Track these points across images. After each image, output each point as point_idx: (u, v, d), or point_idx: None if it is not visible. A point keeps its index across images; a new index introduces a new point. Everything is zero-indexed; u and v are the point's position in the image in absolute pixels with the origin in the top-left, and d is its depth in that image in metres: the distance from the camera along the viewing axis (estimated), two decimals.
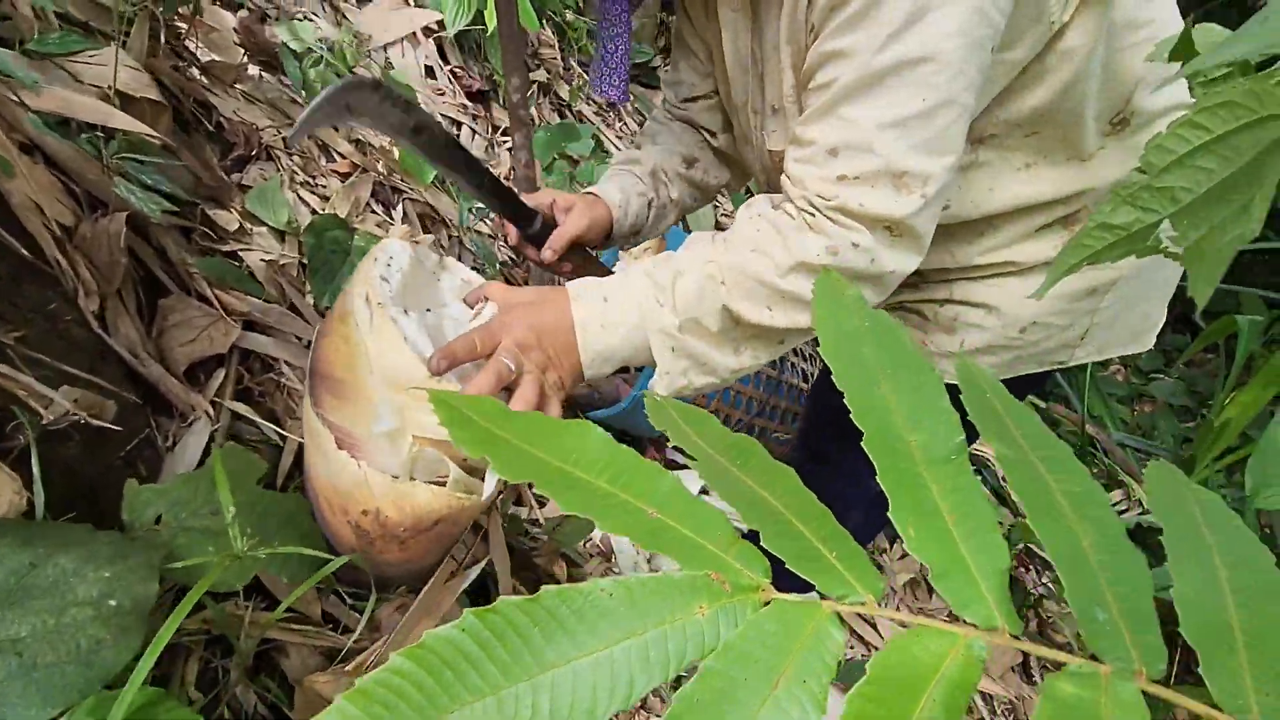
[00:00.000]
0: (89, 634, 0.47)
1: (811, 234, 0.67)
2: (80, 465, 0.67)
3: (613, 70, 0.89)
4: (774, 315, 0.69)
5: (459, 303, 0.79)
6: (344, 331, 0.67)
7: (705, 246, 0.72)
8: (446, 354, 0.64)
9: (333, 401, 0.67)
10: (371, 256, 0.72)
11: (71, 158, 0.79)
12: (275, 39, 1.31)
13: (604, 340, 0.70)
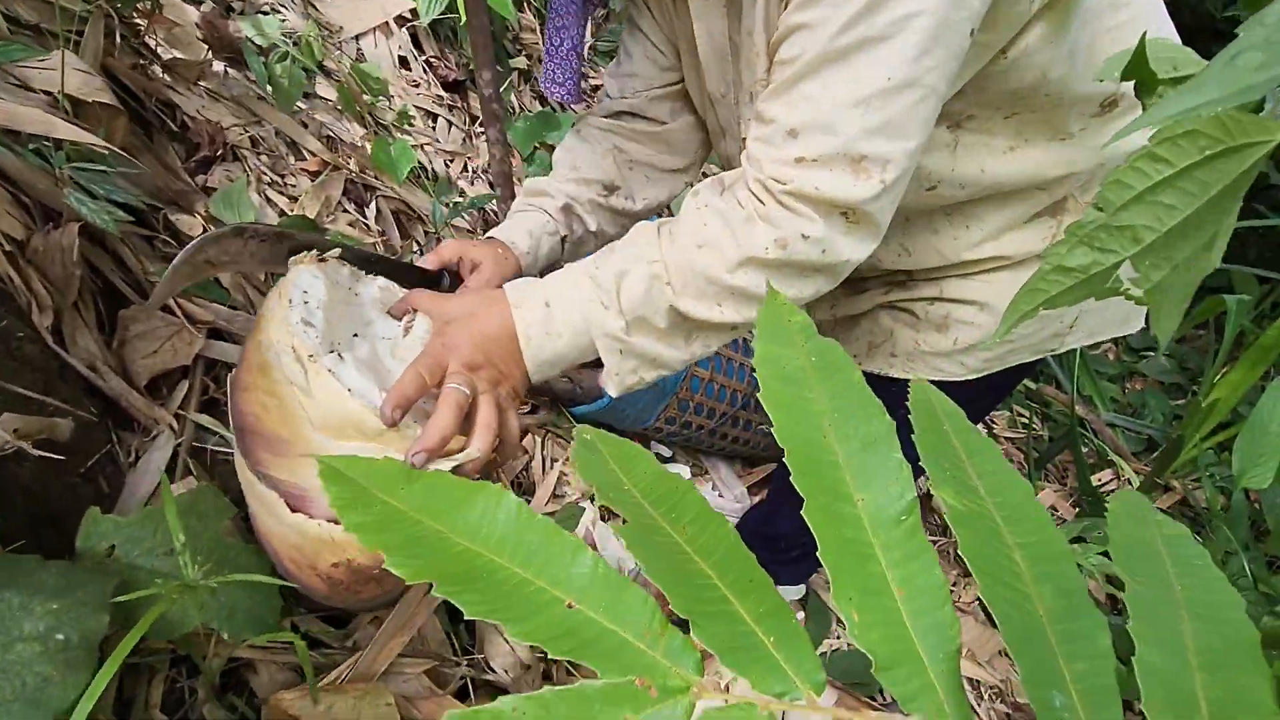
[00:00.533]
0: (35, 671, 0.46)
1: (761, 225, 0.65)
2: (37, 486, 0.65)
3: (559, 66, 0.86)
4: (724, 311, 0.67)
5: (384, 317, 0.74)
6: (269, 386, 0.62)
7: (649, 242, 0.69)
8: (398, 400, 0.60)
9: (272, 459, 0.63)
10: (283, 297, 0.65)
11: (20, 169, 0.77)
12: (238, 33, 1.28)
13: (549, 347, 0.68)
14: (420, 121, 1.61)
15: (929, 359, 0.92)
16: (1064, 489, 2.80)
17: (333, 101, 1.44)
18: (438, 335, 0.68)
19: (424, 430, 0.59)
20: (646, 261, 0.67)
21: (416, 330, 0.71)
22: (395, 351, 0.71)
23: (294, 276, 0.67)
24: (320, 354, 0.61)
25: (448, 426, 0.60)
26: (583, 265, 0.70)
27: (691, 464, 1.61)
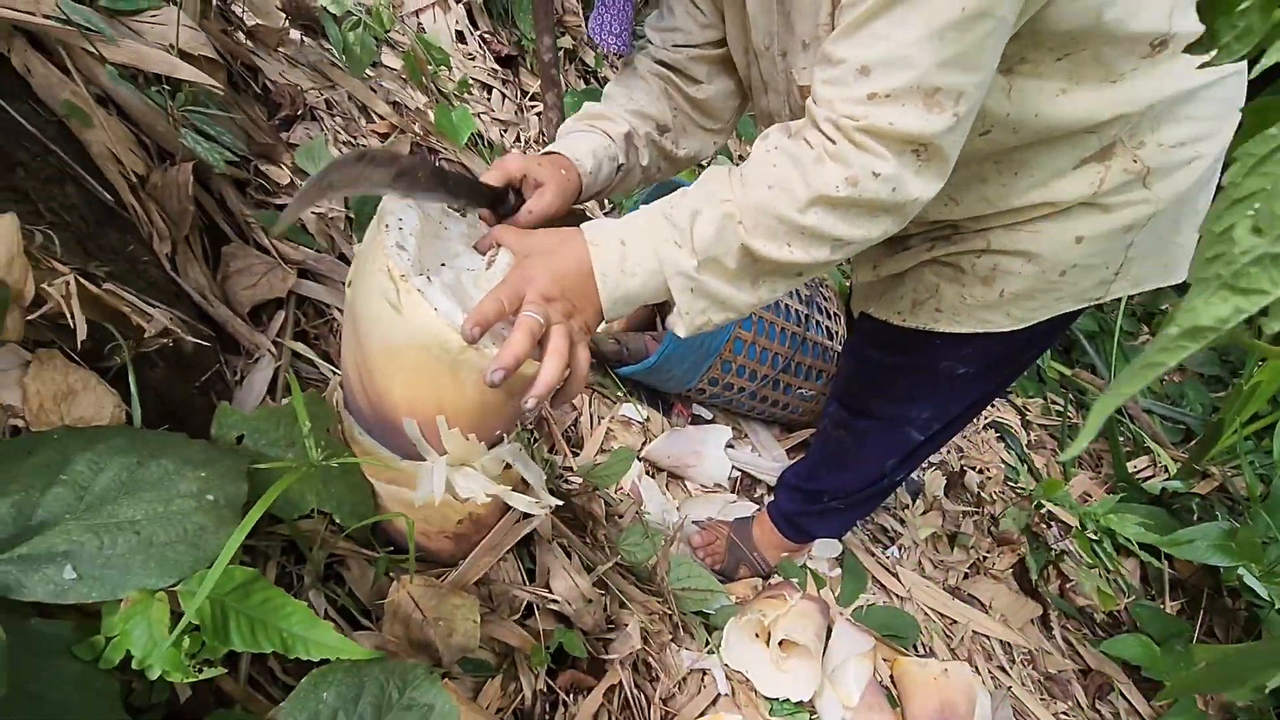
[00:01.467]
0: (194, 521, 0.53)
1: (831, 164, 0.65)
2: (165, 389, 0.73)
3: (613, 16, 0.86)
4: (793, 251, 0.68)
5: (470, 251, 0.78)
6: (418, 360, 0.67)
7: (721, 182, 0.70)
8: (479, 319, 0.63)
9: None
10: (380, 222, 0.69)
11: (142, 110, 0.84)
12: (315, 3, 1.35)
13: (624, 285, 0.70)
14: (477, 92, 1.68)
15: (975, 311, 0.95)
16: (1098, 476, 2.79)
17: (398, 70, 1.51)
18: (518, 267, 0.71)
19: (500, 350, 0.63)
20: (719, 201, 0.69)
21: (499, 264, 0.75)
22: (478, 282, 0.75)
23: (391, 205, 0.72)
24: (411, 274, 0.66)
25: (521, 348, 0.63)
26: (657, 205, 0.72)
27: (732, 427, 1.66)
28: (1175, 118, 0.77)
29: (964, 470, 2.17)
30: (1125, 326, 3.83)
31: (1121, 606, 1.99)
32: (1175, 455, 2.86)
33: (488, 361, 0.63)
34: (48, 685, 0.43)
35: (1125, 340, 3.42)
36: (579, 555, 1.05)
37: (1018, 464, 2.65)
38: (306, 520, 0.72)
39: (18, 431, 0.56)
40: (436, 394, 0.68)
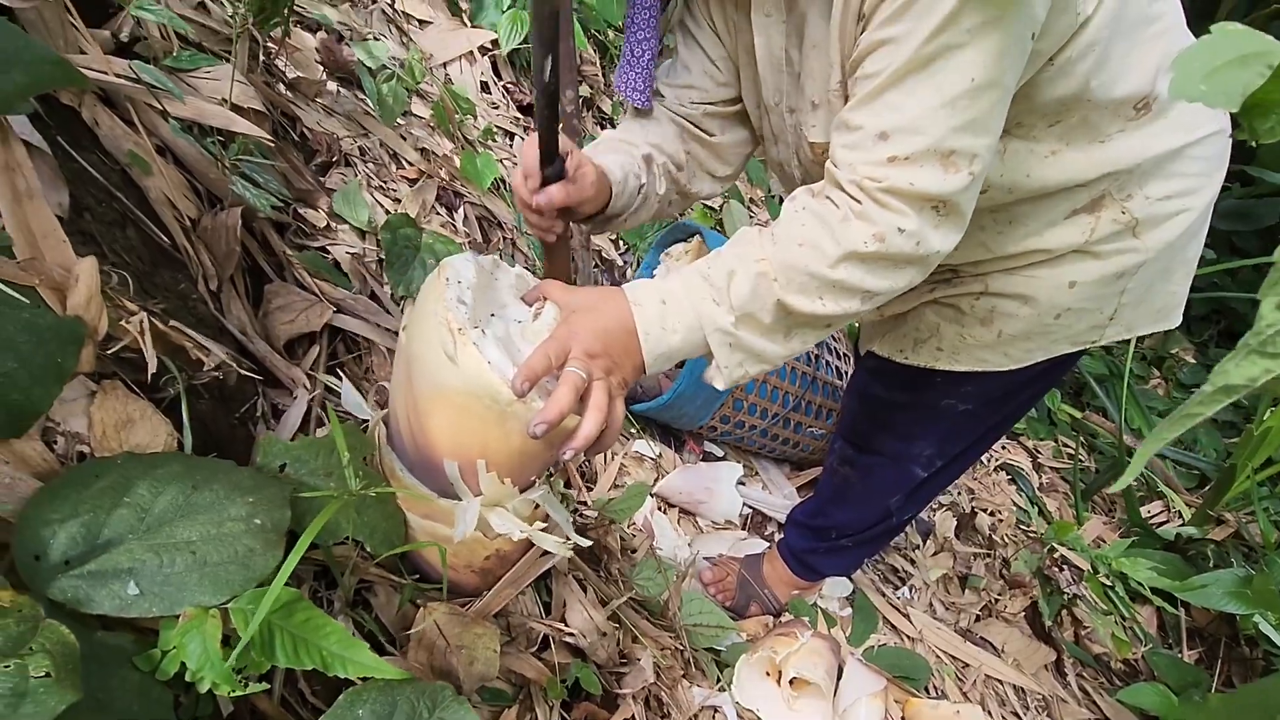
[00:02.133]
0: (243, 543, 0.57)
1: (858, 222, 0.69)
2: (209, 419, 0.77)
3: (638, 74, 0.90)
4: (825, 304, 0.72)
5: (517, 302, 0.82)
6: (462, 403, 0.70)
7: (754, 243, 0.75)
8: (528, 375, 0.67)
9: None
10: (441, 276, 0.74)
11: (197, 159, 0.91)
12: (352, 58, 1.43)
13: (665, 342, 0.74)
14: (500, 139, 1.76)
15: (974, 350, 0.99)
16: (1112, 520, 2.77)
17: (426, 119, 1.59)
18: (564, 323, 0.74)
19: (545, 405, 0.67)
20: (754, 260, 0.73)
21: (545, 317, 0.78)
22: (524, 334, 0.79)
23: (452, 260, 0.76)
24: (468, 328, 0.70)
25: (566, 404, 0.67)
26: (695, 267, 0.76)
27: (743, 465, 1.69)
28: (1161, 174, 0.81)
29: (975, 512, 2.17)
30: (1135, 370, 3.83)
31: (1139, 655, 1.97)
32: (1189, 500, 2.84)
33: (533, 414, 0.67)
34: (112, 694, 0.46)
35: (1135, 383, 3.42)
36: (594, 589, 1.07)
37: (1029, 506, 2.64)
38: (340, 546, 0.75)
39: (83, 456, 0.60)
40: (481, 440, 0.72)
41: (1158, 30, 0.76)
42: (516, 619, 0.97)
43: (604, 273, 1.88)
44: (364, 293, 1.10)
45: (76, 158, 0.78)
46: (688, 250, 1.66)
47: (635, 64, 0.91)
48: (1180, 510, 2.79)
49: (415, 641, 0.78)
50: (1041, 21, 0.66)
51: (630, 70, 0.91)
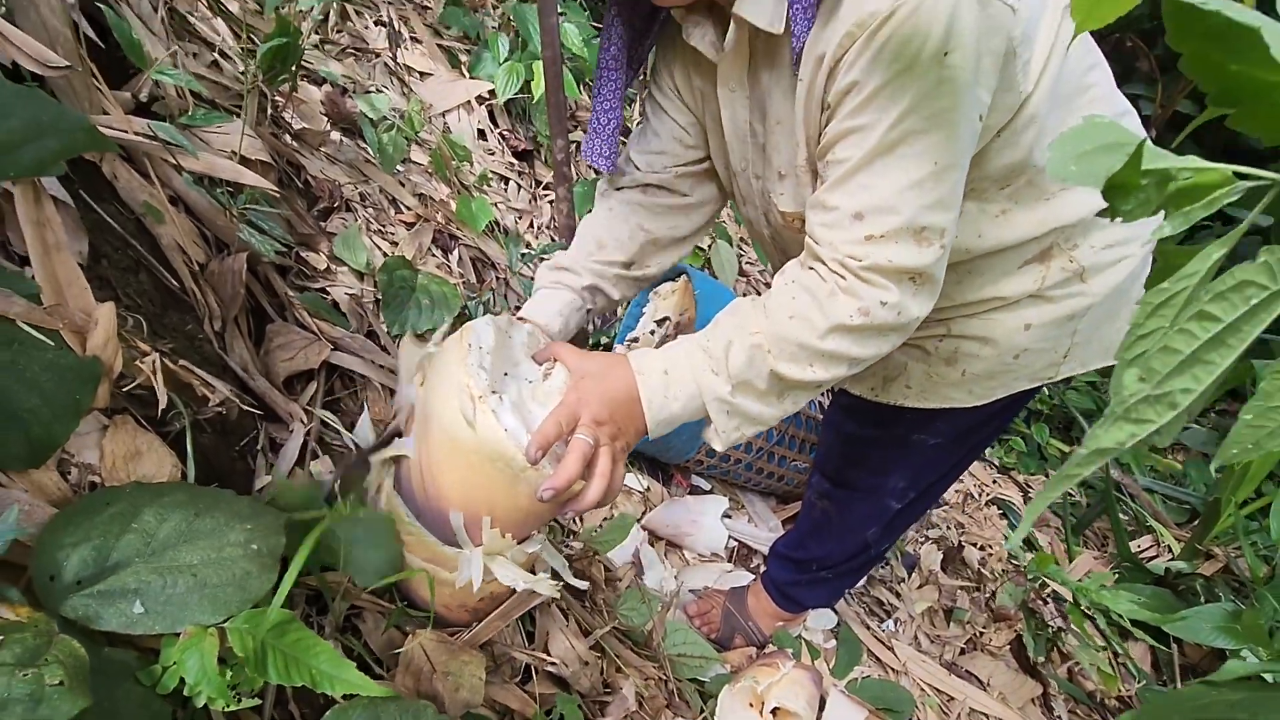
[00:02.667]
0: (241, 567, 0.61)
1: (844, 297, 0.75)
2: (210, 452, 0.82)
3: (604, 141, 0.96)
4: (816, 371, 0.78)
5: (529, 360, 0.87)
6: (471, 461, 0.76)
7: (749, 315, 0.80)
8: (540, 442, 0.73)
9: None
10: (464, 342, 0.78)
11: (206, 208, 0.97)
12: (355, 109, 1.52)
13: (668, 409, 0.80)
14: (495, 184, 1.84)
15: (940, 389, 1.04)
16: (1103, 555, 2.79)
17: (424, 165, 1.67)
18: (573, 389, 0.80)
19: (555, 473, 0.73)
20: (749, 332, 0.78)
21: (555, 380, 0.83)
22: (535, 394, 0.84)
23: (475, 325, 0.81)
24: (487, 395, 0.74)
25: (574, 471, 0.73)
26: (695, 338, 0.82)
27: (729, 498, 1.72)
28: (1102, 225, 0.88)
29: (962, 545, 2.20)
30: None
31: (1133, 692, 1.97)
32: (1179, 535, 2.86)
33: (543, 478, 0.72)
34: (117, 706, 0.50)
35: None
36: (577, 618, 1.11)
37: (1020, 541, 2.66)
38: (332, 574, 0.79)
39: (94, 486, 0.65)
40: (490, 497, 0.77)
41: (1091, 98, 0.83)
42: (500, 649, 1.00)
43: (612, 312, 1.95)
44: (361, 331, 1.15)
45: (96, 209, 0.84)
46: (674, 289, 1.72)
47: (601, 132, 0.96)
48: (1170, 545, 2.80)
49: (402, 666, 0.82)
50: (988, 104, 0.73)
51: (596, 138, 0.97)
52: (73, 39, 0.81)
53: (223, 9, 1.44)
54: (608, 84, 0.93)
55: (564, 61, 1.98)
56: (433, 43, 2.00)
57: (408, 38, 1.95)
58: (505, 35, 2.03)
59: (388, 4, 2.01)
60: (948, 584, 1.94)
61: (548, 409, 0.79)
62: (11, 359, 0.56)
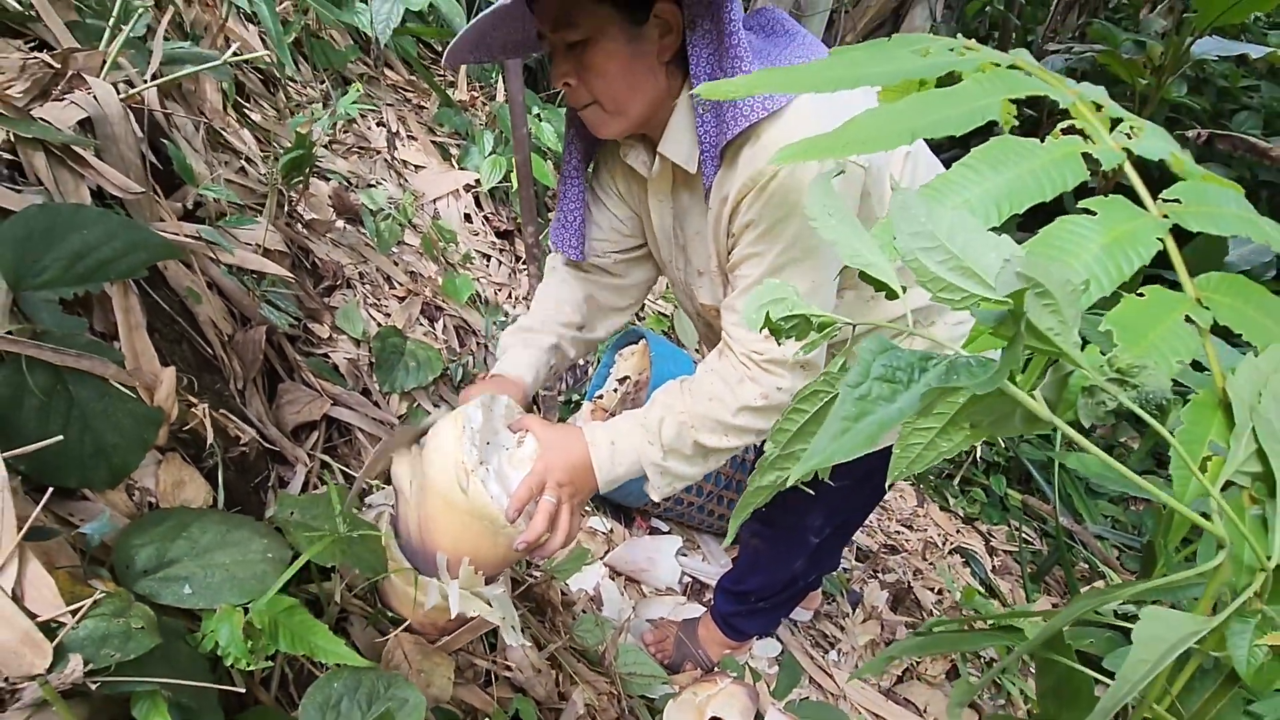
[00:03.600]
0: (260, 568, 0.82)
1: (750, 384, 0.96)
2: (232, 486, 1.02)
3: (571, 233, 1.13)
4: (730, 439, 0.99)
5: (506, 430, 1.05)
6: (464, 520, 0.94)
7: (677, 395, 1.01)
8: (517, 506, 0.94)
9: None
10: (459, 424, 0.96)
11: (234, 290, 1.21)
12: (357, 202, 1.78)
13: (614, 472, 1.00)
14: (478, 260, 2.10)
15: None
16: (1063, 601, 2.94)
17: (415, 247, 1.93)
18: (541, 458, 0.99)
19: (527, 529, 0.94)
20: (677, 411, 0.99)
21: (526, 448, 1.02)
22: (511, 459, 1.03)
23: (466, 409, 0.99)
24: (476, 467, 0.94)
25: (542, 528, 0.94)
26: (636, 415, 1.03)
27: (684, 539, 1.91)
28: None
29: (911, 587, 2.36)
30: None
31: None
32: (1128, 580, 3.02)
33: (518, 533, 0.94)
34: (171, 656, 0.70)
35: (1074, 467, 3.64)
36: (534, 633, 1.29)
37: (981, 588, 2.82)
38: (328, 582, 0.99)
39: (151, 505, 0.85)
40: (476, 546, 0.97)
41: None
42: (464, 657, 1.18)
43: (567, 370, 2.17)
44: (356, 389, 1.37)
45: (151, 293, 1.07)
46: (634, 352, 1.96)
47: (569, 226, 1.15)
48: None
49: (384, 660, 1.00)
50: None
51: (565, 231, 1.15)
52: (141, 167, 1.06)
53: (248, 120, 1.72)
54: (571, 187, 1.14)
55: (543, 154, 2.28)
56: (427, 139, 2.29)
57: (405, 135, 2.24)
58: (491, 132, 2.32)
59: (388, 106, 2.32)
60: (891, 620, 2.10)
61: (522, 473, 0.99)
62: (104, 408, 0.78)
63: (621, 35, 0.89)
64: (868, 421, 0.47)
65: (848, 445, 0.47)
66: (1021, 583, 3.06)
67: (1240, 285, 0.60)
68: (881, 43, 0.65)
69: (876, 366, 0.50)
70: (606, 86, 0.92)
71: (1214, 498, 0.54)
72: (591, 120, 0.98)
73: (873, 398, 0.48)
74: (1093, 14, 4.89)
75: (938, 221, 0.55)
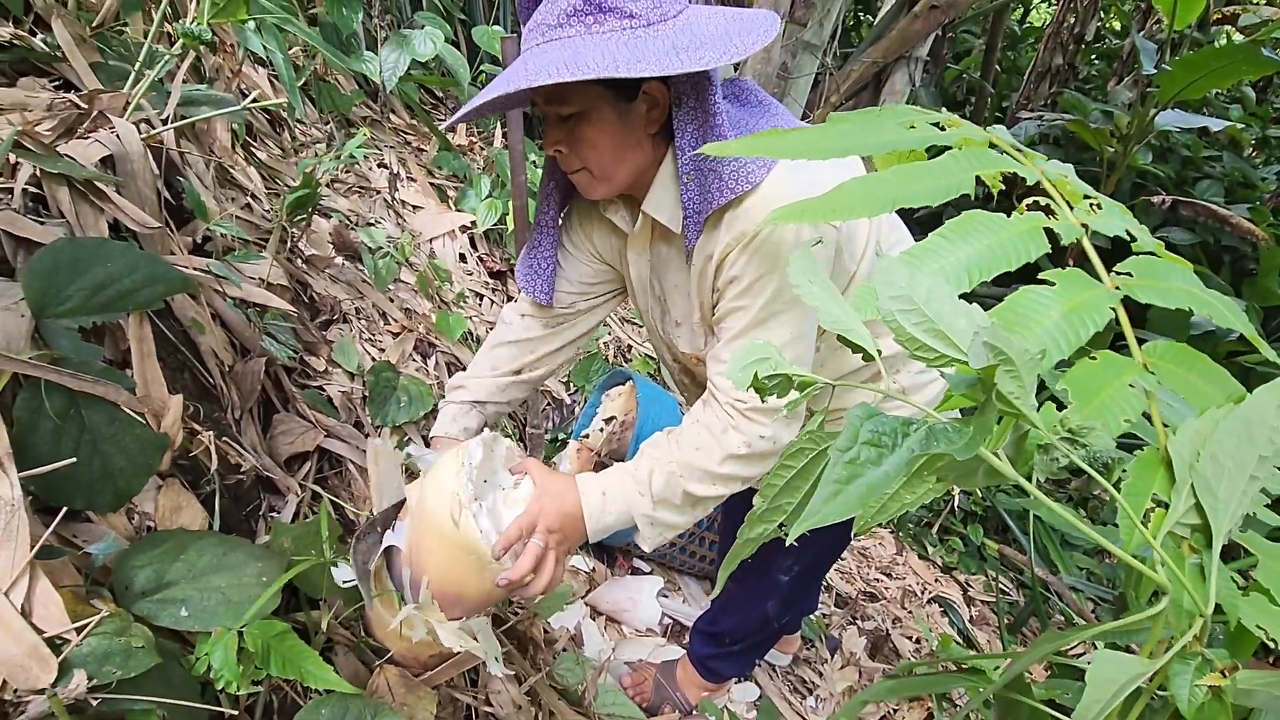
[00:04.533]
0: (254, 591, 0.84)
1: (734, 433, 0.99)
2: (225, 513, 1.04)
3: (543, 280, 1.15)
4: (718, 488, 1.02)
5: (505, 471, 1.08)
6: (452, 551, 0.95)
7: (664, 447, 1.04)
8: (505, 544, 0.96)
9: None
10: (459, 460, 0.98)
11: (236, 322, 1.24)
12: (357, 240, 1.83)
13: (604, 521, 1.02)
14: (471, 299, 2.14)
15: None
16: None
17: (411, 284, 1.98)
18: (535, 502, 1.00)
19: (513, 567, 0.95)
20: (665, 462, 1.02)
21: (522, 489, 1.04)
22: (507, 500, 1.04)
23: (469, 445, 1.02)
24: (470, 503, 0.96)
25: (526, 569, 0.95)
26: (627, 467, 1.04)
27: (666, 579, 1.92)
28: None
29: (889, 634, 2.38)
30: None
31: None
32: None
33: (503, 571, 0.96)
34: (166, 678, 0.72)
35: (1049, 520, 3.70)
36: (516, 668, 1.30)
37: (959, 638, 2.83)
38: (315, 611, 1.00)
39: (149, 529, 0.88)
40: (462, 579, 0.99)
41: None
42: (446, 692, 1.19)
43: (554, 410, 2.21)
44: (349, 422, 1.40)
45: (157, 322, 1.11)
46: (621, 393, 2.00)
47: (540, 271, 1.17)
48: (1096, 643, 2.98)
49: (369, 691, 1.01)
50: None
51: (538, 278, 1.18)
52: (156, 202, 1.11)
53: (255, 159, 1.78)
54: (546, 236, 1.17)
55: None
56: (426, 181, 2.36)
57: (405, 177, 2.31)
58: (488, 176, 2.40)
59: (390, 148, 2.39)
60: (869, 666, 2.11)
61: (515, 513, 1.01)
62: (114, 432, 0.81)
63: (612, 111, 0.95)
64: (858, 484, 0.53)
65: (840, 507, 0.52)
66: (999, 634, 3.07)
67: (1184, 353, 0.66)
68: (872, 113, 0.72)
69: (864, 432, 0.55)
70: (596, 156, 0.98)
71: (1155, 548, 0.59)
72: (581, 184, 1.03)
73: (861, 461, 0.53)
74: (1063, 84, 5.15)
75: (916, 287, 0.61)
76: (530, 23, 0.91)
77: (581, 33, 0.87)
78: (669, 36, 0.87)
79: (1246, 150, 4.98)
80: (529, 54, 0.89)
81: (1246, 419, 0.58)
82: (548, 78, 0.81)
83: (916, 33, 3.49)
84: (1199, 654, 0.58)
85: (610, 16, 0.87)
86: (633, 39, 0.86)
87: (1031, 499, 0.60)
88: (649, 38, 0.87)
